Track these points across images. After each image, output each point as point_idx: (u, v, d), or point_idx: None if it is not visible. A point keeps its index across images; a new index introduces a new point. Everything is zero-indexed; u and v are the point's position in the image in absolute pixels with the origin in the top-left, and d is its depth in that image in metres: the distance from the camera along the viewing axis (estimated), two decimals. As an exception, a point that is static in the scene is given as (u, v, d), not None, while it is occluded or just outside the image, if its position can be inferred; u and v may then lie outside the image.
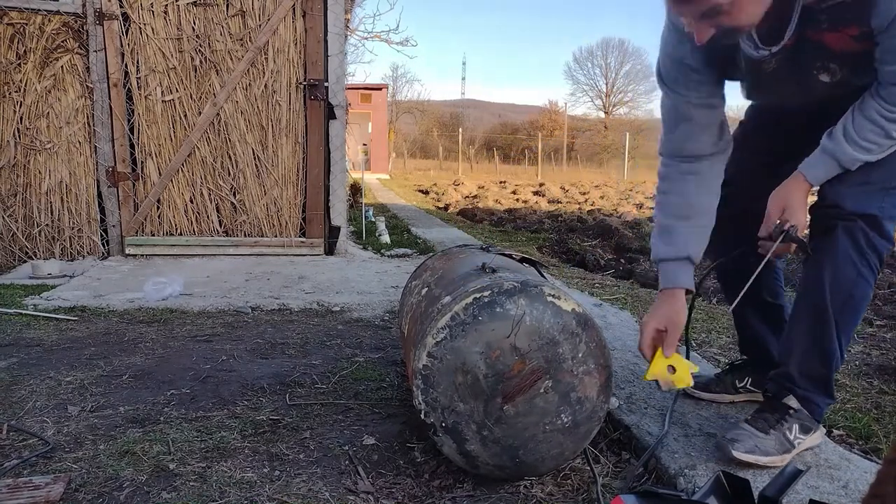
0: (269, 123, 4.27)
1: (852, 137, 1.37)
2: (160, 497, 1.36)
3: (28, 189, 4.01)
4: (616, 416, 1.71)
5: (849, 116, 1.37)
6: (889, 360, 2.26)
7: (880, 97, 1.32)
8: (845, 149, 1.37)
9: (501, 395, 1.38)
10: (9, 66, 3.87)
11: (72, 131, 4.02)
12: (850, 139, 1.37)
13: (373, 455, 1.58)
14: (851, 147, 1.36)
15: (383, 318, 2.91)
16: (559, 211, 9.46)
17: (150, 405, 1.86)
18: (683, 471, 1.39)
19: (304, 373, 2.15)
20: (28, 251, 4.04)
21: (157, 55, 4.07)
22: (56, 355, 2.28)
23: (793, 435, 1.43)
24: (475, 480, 1.45)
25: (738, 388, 1.77)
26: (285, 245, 4.38)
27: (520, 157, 33.96)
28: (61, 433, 1.66)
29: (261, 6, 4.14)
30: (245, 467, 1.50)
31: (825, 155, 1.39)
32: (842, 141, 1.37)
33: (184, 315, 2.88)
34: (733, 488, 1.01)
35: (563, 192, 13.70)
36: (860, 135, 1.36)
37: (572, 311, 1.40)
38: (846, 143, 1.37)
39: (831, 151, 1.39)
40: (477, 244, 2.27)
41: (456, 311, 1.36)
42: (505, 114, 60.61)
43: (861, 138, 1.36)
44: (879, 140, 1.35)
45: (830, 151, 1.39)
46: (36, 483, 1.37)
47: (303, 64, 4.25)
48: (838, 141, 1.38)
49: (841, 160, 1.38)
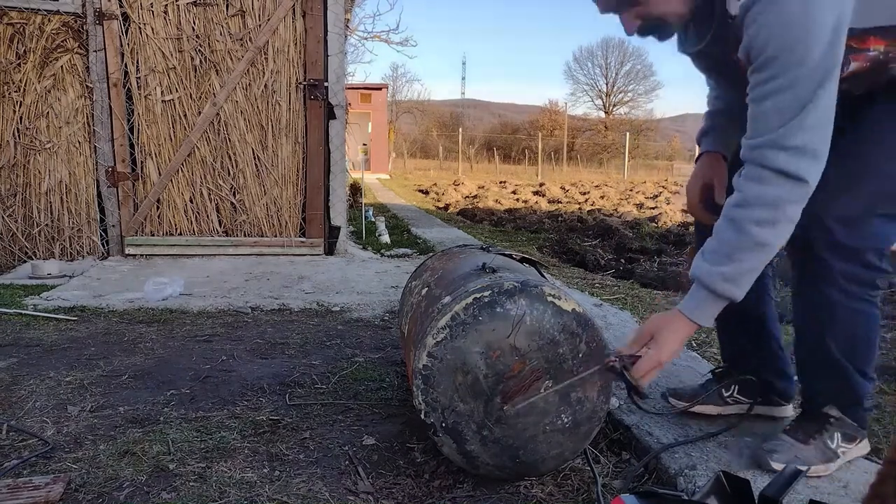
0: (269, 123, 4.27)
1: (708, 248, 1.27)
2: (160, 497, 1.36)
3: (28, 189, 4.01)
4: (616, 417, 1.71)
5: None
6: (889, 360, 2.25)
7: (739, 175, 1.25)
8: (700, 265, 1.27)
9: (501, 396, 1.37)
10: (9, 66, 3.87)
11: (72, 131, 4.02)
12: (705, 252, 1.28)
13: (373, 455, 1.58)
14: (707, 261, 1.26)
15: (383, 318, 2.91)
16: (559, 211, 9.46)
17: (149, 405, 1.86)
18: (683, 471, 1.39)
19: (304, 373, 2.15)
20: (28, 251, 4.03)
21: (156, 55, 4.07)
22: (56, 355, 2.28)
23: (835, 444, 1.38)
24: (475, 480, 1.45)
25: (724, 398, 1.68)
26: (285, 245, 4.38)
27: (520, 157, 33.95)
28: (61, 433, 1.65)
29: (261, 6, 4.14)
30: (245, 467, 1.50)
31: (694, 283, 1.29)
32: (698, 257, 1.29)
33: (184, 315, 2.88)
34: (733, 488, 1.01)
35: (563, 192, 13.69)
36: (716, 237, 1.26)
37: (572, 311, 1.40)
38: (702, 258, 1.28)
39: (694, 275, 1.28)
40: (477, 244, 2.27)
41: (456, 311, 1.36)
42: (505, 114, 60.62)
43: (714, 245, 1.26)
44: (734, 240, 1.23)
45: (693, 275, 1.28)
46: (36, 483, 1.37)
47: (303, 64, 4.25)
48: (696, 259, 1.28)
49: (705, 282, 1.26)
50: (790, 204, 1.19)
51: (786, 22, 1.13)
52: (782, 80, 1.15)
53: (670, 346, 1.27)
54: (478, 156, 33.87)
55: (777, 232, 1.21)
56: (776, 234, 1.21)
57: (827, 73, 1.14)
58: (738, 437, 1.55)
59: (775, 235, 1.21)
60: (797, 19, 1.12)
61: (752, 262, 1.22)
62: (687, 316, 1.27)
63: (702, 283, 1.26)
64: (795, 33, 1.12)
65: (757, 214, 1.20)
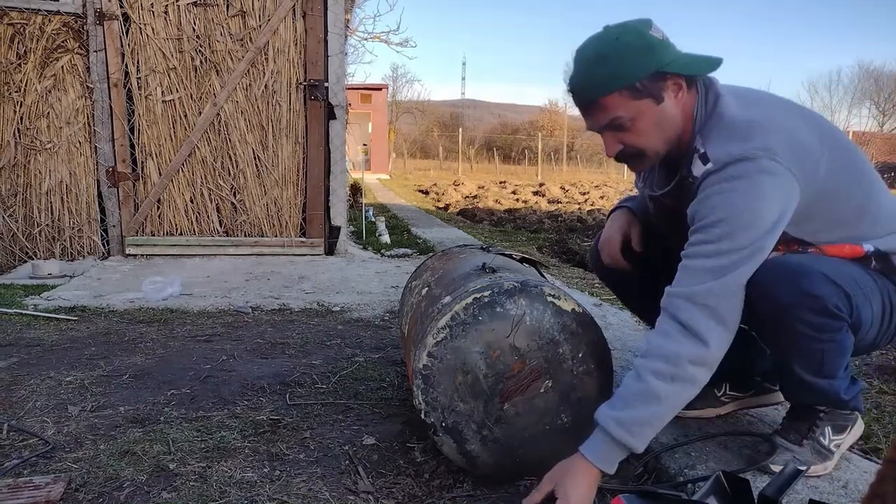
0: (270, 123, 4.28)
1: (615, 394, 1.27)
2: (160, 497, 1.36)
3: (28, 189, 4.01)
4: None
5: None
6: (889, 360, 2.26)
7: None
8: (602, 408, 1.25)
9: (501, 395, 1.38)
10: (9, 66, 3.87)
11: (72, 131, 4.02)
12: (612, 397, 1.27)
13: (373, 455, 1.58)
14: (608, 405, 1.25)
15: (383, 318, 2.91)
16: (559, 211, 9.46)
17: (150, 405, 1.86)
18: (683, 471, 1.39)
19: (305, 373, 2.15)
20: (28, 251, 4.04)
21: (157, 55, 4.07)
22: (56, 355, 2.28)
23: (826, 440, 1.38)
24: (475, 480, 1.45)
25: (718, 396, 1.69)
26: (285, 245, 4.38)
27: (520, 157, 33.95)
28: (61, 433, 1.66)
29: (261, 6, 4.15)
30: (245, 467, 1.50)
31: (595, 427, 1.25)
32: (605, 403, 1.27)
33: (184, 315, 2.88)
34: (733, 488, 1.01)
35: (563, 192, 13.70)
36: (621, 384, 1.26)
37: (572, 310, 1.40)
38: (606, 402, 1.26)
39: (595, 417, 1.26)
40: (477, 244, 2.28)
41: (456, 311, 1.36)
42: (505, 114, 60.59)
43: (618, 391, 1.26)
44: (632, 386, 1.23)
45: (595, 417, 1.26)
46: (36, 483, 1.37)
47: (303, 64, 4.25)
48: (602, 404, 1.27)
49: (600, 424, 1.23)
50: (689, 364, 1.20)
51: (734, 205, 1.21)
52: (715, 247, 1.22)
53: (578, 494, 1.19)
54: (478, 156, 33.87)
55: (674, 388, 1.20)
56: (673, 391, 1.21)
57: (754, 255, 1.22)
58: (738, 437, 1.55)
59: (671, 391, 1.20)
60: (744, 206, 1.20)
61: (644, 413, 1.21)
62: (588, 459, 1.22)
63: (598, 425, 1.24)
64: (740, 217, 1.20)
65: (656, 365, 1.22)
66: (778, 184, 1.20)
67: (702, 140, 1.30)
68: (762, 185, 1.20)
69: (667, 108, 1.30)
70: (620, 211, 1.70)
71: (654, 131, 1.31)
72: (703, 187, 1.26)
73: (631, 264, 1.64)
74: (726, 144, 1.24)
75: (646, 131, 1.30)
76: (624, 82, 1.25)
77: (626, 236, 1.64)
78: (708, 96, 1.33)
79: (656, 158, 1.36)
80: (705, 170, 1.26)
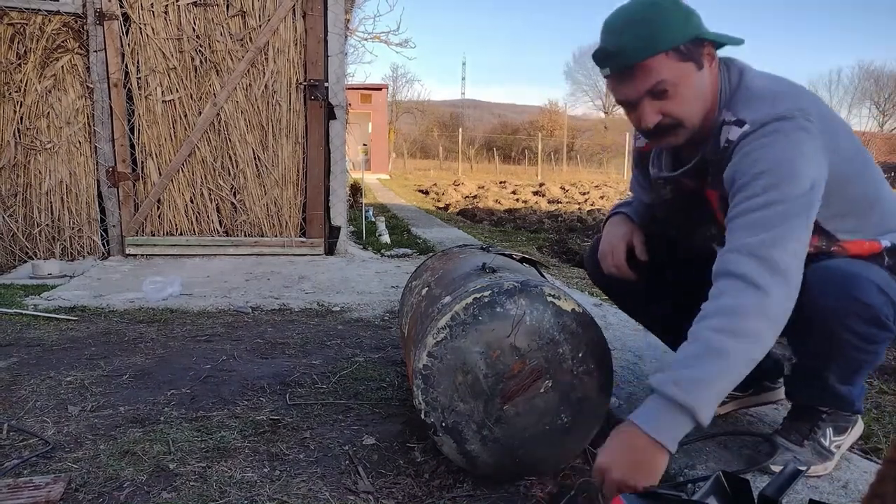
0: (270, 123, 4.28)
1: (678, 356, 1.15)
2: (160, 497, 1.36)
3: (28, 189, 4.01)
4: (616, 416, 1.71)
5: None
6: (889, 359, 2.26)
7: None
8: (656, 375, 1.13)
9: (501, 395, 1.38)
10: (9, 66, 3.87)
11: (72, 131, 4.02)
12: (675, 360, 1.14)
13: (373, 455, 1.58)
14: (663, 371, 1.14)
15: (383, 318, 2.91)
16: (559, 211, 9.46)
17: (150, 405, 1.86)
18: (683, 471, 1.39)
19: (305, 373, 2.15)
20: (28, 251, 4.04)
21: (157, 55, 4.07)
22: (56, 355, 2.28)
23: (827, 441, 1.38)
24: (475, 480, 1.45)
25: None
26: (285, 245, 4.38)
27: (520, 158, 33.95)
28: (61, 433, 1.66)
29: (261, 6, 4.15)
30: (245, 467, 1.50)
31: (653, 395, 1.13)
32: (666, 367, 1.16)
33: (184, 315, 2.88)
34: (733, 488, 1.01)
35: (563, 192, 13.70)
36: (677, 354, 1.15)
37: (572, 310, 1.40)
38: (670, 369, 1.13)
39: (650, 385, 1.15)
40: (477, 244, 2.27)
41: (456, 311, 1.36)
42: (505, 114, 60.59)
43: (674, 359, 1.14)
44: (690, 349, 1.12)
45: (650, 385, 1.15)
46: (36, 483, 1.37)
47: (303, 64, 4.25)
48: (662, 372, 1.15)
49: (656, 388, 1.11)
50: (752, 315, 1.10)
51: (775, 157, 1.18)
52: (762, 199, 1.17)
53: (632, 473, 1.08)
54: (478, 156, 33.87)
55: (738, 345, 1.09)
56: (736, 347, 1.09)
57: (803, 209, 1.16)
58: (738, 437, 1.55)
59: (736, 347, 1.09)
60: (785, 157, 1.17)
61: (707, 371, 1.09)
62: (644, 430, 1.09)
63: (652, 391, 1.13)
64: (782, 167, 1.17)
65: (713, 322, 1.12)
66: (815, 145, 1.18)
67: (730, 112, 1.27)
68: (801, 142, 1.18)
69: (704, 76, 1.27)
70: (619, 217, 1.64)
71: (695, 99, 1.27)
72: (741, 147, 1.22)
73: (636, 273, 1.58)
74: (761, 108, 1.22)
75: (688, 99, 1.26)
76: (670, 43, 1.21)
77: (630, 244, 1.58)
78: (731, 71, 1.31)
79: (690, 133, 1.30)
80: (742, 132, 1.23)
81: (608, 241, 1.60)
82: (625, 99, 1.30)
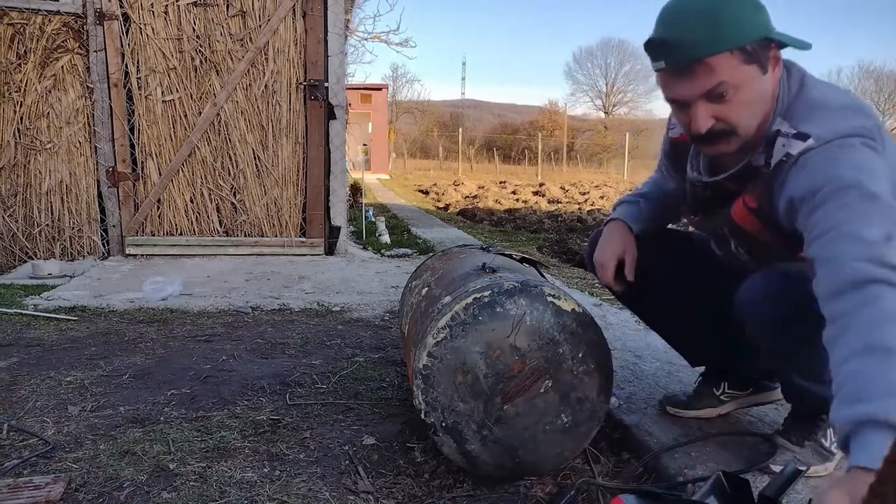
0: (270, 123, 4.28)
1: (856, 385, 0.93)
2: (160, 497, 1.36)
3: (28, 189, 4.01)
4: (616, 416, 1.71)
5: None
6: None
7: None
8: (859, 410, 0.89)
9: (501, 395, 1.38)
10: (9, 66, 3.87)
11: (72, 131, 4.02)
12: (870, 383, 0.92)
13: (373, 455, 1.58)
14: (860, 403, 0.89)
15: (383, 318, 2.91)
16: (559, 211, 9.46)
17: (150, 405, 1.86)
18: (683, 471, 1.39)
19: (305, 373, 2.15)
20: (28, 251, 4.04)
21: (157, 55, 4.07)
22: (56, 355, 2.28)
23: (828, 441, 1.38)
24: (475, 480, 1.45)
25: (718, 395, 1.67)
26: (285, 245, 4.38)
27: (520, 158, 33.94)
28: (61, 433, 1.66)
29: (261, 6, 4.15)
30: (245, 467, 1.50)
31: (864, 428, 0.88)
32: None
33: (184, 315, 2.88)
34: (733, 488, 1.01)
35: (563, 192, 13.70)
36: (855, 376, 0.93)
37: (572, 310, 1.40)
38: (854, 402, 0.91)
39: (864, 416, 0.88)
40: (477, 244, 2.27)
41: (456, 311, 1.36)
42: (505, 114, 60.57)
43: (864, 377, 0.92)
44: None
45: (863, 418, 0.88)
46: (36, 483, 1.37)
47: (303, 64, 4.25)
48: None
49: (889, 419, 0.87)
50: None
51: (854, 165, 1.08)
52: (860, 206, 1.04)
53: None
54: (478, 156, 33.86)
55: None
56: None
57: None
58: (738, 437, 1.55)
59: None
60: (865, 165, 1.08)
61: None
62: (871, 469, 0.83)
63: (873, 421, 0.88)
64: (863, 173, 1.07)
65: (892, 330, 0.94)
66: (882, 166, 1.10)
67: (788, 122, 1.18)
68: (872, 159, 1.09)
69: (767, 81, 1.17)
70: (617, 227, 1.60)
71: (754, 106, 1.17)
72: (805, 162, 1.13)
73: (624, 286, 1.57)
74: (825, 122, 1.14)
75: (747, 104, 1.16)
76: (737, 42, 1.11)
77: (621, 260, 1.55)
78: (791, 76, 1.21)
79: (743, 141, 1.20)
80: (805, 146, 1.14)
81: (601, 254, 1.58)
82: (678, 97, 1.20)
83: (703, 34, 1.11)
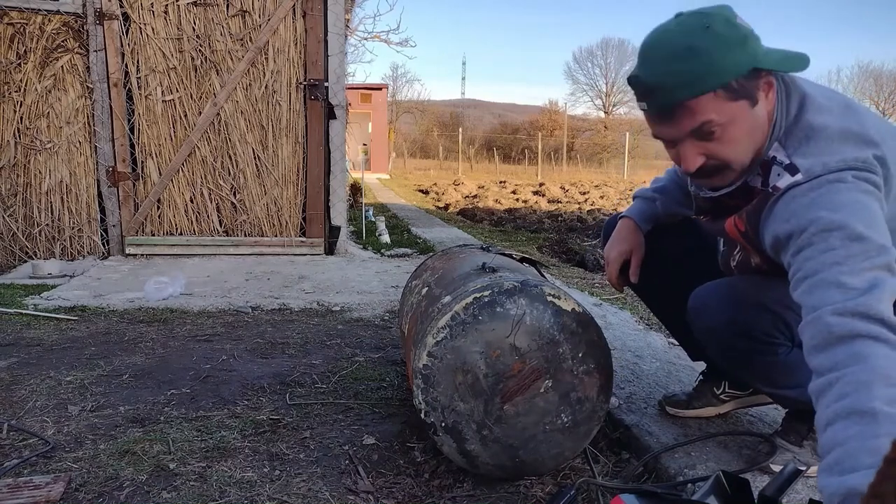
0: (270, 123, 4.28)
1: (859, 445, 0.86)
2: (160, 497, 1.36)
3: (28, 189, 4.01)
4: (616, 416, 1.71)
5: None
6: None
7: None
8: (847, 481, 0.83)
9: (501, 395, 1.38)
10: (9, 66, 3.87)
11: (72, 131, 4.02)
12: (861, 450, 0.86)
13: (373, 455, 1.59)
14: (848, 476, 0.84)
15: (383, 318, 2.91)
16: (559, 211, 9.46)
17: (150, 405, 1.86)
18: (683, 471, 1.40)
19: (305, 372, 2.15)
20: (28, 251, 4.04)
21: (157, 55, 4.07)
22: (56, 355, 2.28)
23: None
24: (475, 480, 1.45)
25: (718, 395, 1.68)
26: (285, 245, 4.38)
27: (520, 157, 33.94)
28: (61, 433, 1.66)
29: (261, 6, 4.15)
30: (245, 467, 1.50)
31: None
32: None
33: (184, 315, 2.88)
34: (733, 488, 1.01)
35: (563, 192, 13.70)
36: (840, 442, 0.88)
37: (572, 310, 1.40)
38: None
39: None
40: (477, 244, 2.28)
41: (456, 311, 1.36)
42: (505, 114, 60.59)
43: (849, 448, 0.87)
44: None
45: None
46: (36, 483, 1.37)
47: (303, 64, 4.25)
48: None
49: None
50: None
51: (843, 203, 1.03)
52: (844, 249, 0.99)
53: None
54: (478, 156, 33.86)
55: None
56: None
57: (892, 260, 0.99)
58: (738, 437, 1.55)
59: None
60: (855, 202, 1.03)
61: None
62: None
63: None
64: (853, 213, 1.02)
65: (883, 393, 0.89)
66: (874, 201, 1.05)
67: (784, 149, 1.13)
68: (864, 195, 1.04)
69: (759, 111, 1.11)
70: (627, 225, 1.60)
71: (745, 139, 1.12)
72: (792, 198, 1.09)
73: (629, 284, 1.60)
74: (821, 154, 1.08)
75: (737, 139, 1.11)
76: (719, 81, 1.05)
77: (626, 260, 1.57)
78: (790, 97, 1.15)
79: (739, 173, 1.16)
80: (792, 181, 1.10)
81: (608, 250, 1.61)
82: (663, 137, 1.16)
83: (683, 77, 1.06)
